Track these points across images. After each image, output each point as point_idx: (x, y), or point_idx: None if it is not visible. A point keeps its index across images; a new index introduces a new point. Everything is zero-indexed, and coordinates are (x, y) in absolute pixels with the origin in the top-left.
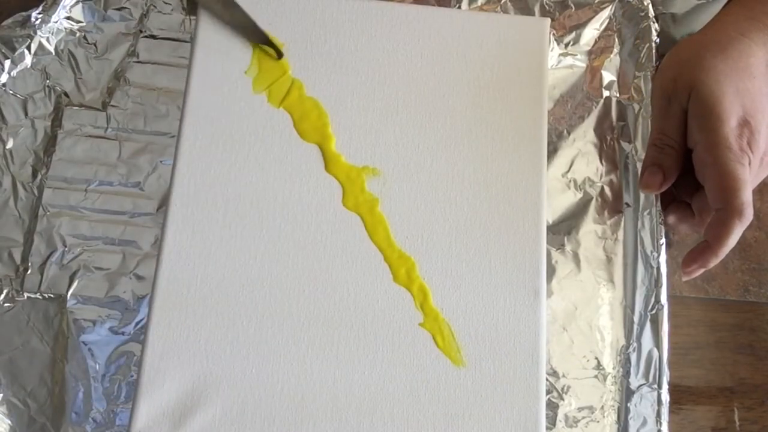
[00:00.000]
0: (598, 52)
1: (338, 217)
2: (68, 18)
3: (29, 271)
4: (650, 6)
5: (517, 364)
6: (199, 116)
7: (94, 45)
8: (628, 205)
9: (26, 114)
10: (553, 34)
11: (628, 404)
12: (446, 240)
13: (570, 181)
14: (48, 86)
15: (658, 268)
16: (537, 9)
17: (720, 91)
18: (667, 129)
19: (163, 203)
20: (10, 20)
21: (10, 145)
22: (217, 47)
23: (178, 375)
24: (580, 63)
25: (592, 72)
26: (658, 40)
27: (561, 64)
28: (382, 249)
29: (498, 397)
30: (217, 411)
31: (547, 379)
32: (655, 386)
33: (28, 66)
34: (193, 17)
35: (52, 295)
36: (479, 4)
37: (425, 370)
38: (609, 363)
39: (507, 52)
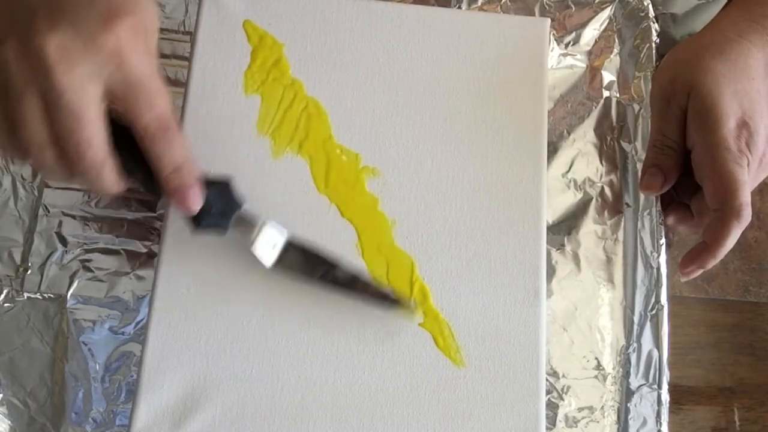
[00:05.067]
0: (598, 52)
1: (338, 217)
2: None
3: (29, 271)
4: (650, 6)
5: (517, 364)
6: (199, 115)
7: None
8: (628, 205)
9: None
10: (553, 34)
11: (628, 404)
12: (446, 240)
13: (570, 181)
14: None
15: (658, 269)
16: (537, 9)
17: (718, 92)
18: (666, 130)
19: (163, 203)
20: None
21: None
22: (218, 45)
23: (178, 375)
24: (580, 63)
25: (592, 72)
26: (658, 41)
27: (561, 64)
28: (381, 249)
29: (498, 397)
30: (217, 411)
31: (547, 379)
32: (655, 386)
33: None
34: (193, 15)
35: (52, 295)
36: (479, 4)
37: (425, 370)
38: (609, 363)
39: (507, 52)
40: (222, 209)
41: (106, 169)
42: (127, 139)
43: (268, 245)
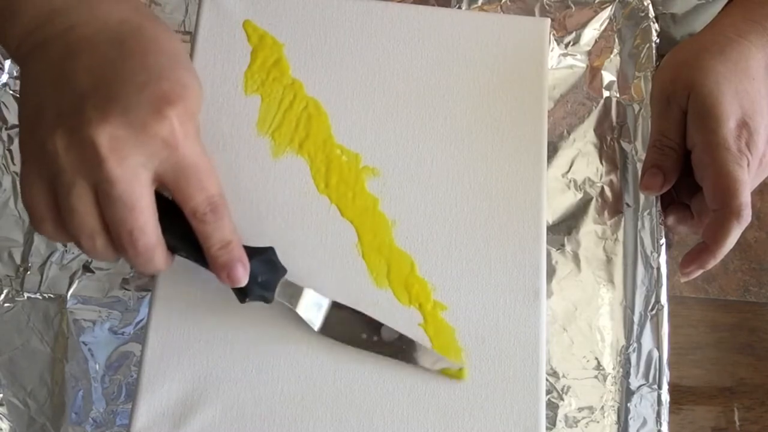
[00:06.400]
0: (598, 52)
1: (338, 217)
2: None
3: (29, 271)
4: (650, 6)
5: (517, 364)
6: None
7: None
8: (628, 205)
9: None
10: (553, 34)
11: (628, 404)
12: (446, 240)
13: (570, 181)
14: None
15: (658, 269)
16: (537, 9)
17: (719, 93)
18: (666, 130)
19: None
20: None
21: (10, 145)
22: (218, 45)
23: (178, 375)
24: (580, 63)
25: (592, 72)
26: (658, 41)
27: (561, 64)
28: (381, 249)
29: (498, 397)
30: (217, 411)
31: (547, 379)
32: (655, 386)
33: None
34: (193, 15)
35: (52, 295)
36: (479, 4)
37: (425, 370)
38: (609, 363)
39: (507, 52)
40: (267, 278)
41: (158, 252)
42: (168, 210)
43: (313, 309)
